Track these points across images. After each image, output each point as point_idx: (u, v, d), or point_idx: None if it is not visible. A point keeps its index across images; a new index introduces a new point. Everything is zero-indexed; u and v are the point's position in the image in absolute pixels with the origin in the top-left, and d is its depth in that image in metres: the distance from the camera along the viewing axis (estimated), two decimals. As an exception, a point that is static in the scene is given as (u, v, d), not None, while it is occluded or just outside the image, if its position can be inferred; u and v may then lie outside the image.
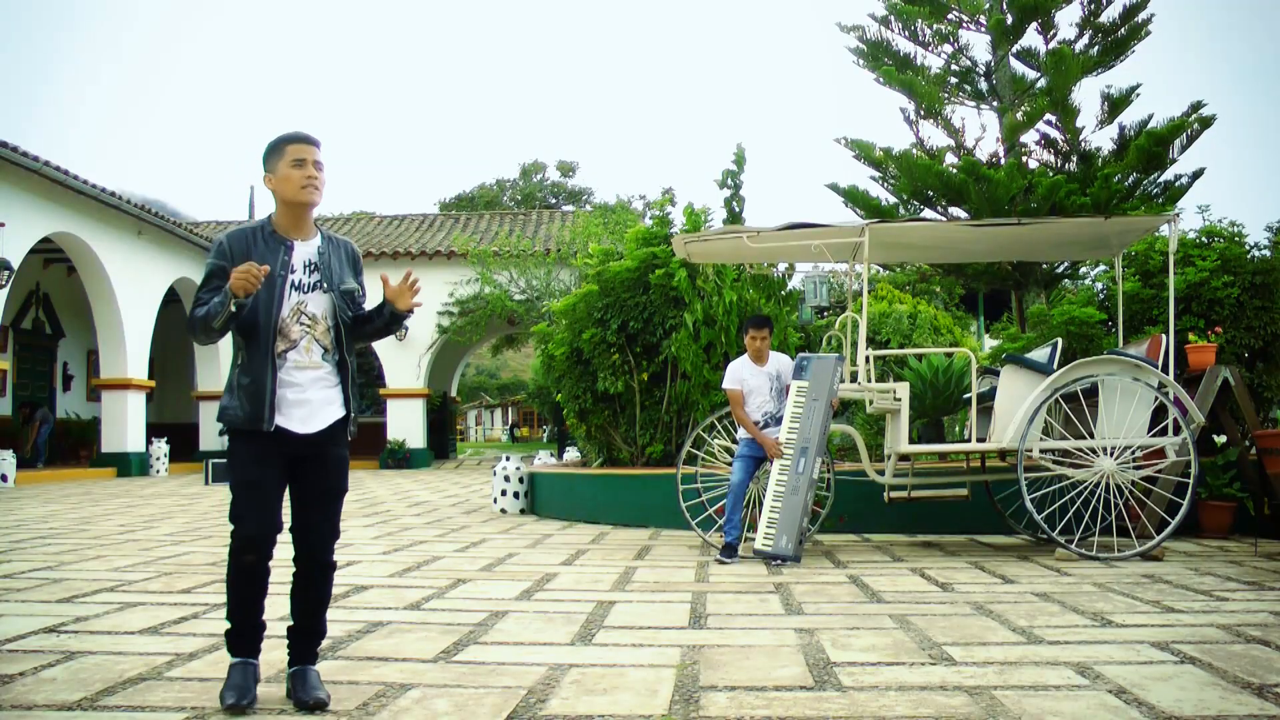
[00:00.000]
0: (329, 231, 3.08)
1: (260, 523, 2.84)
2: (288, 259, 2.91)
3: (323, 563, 2.97)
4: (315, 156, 2.95)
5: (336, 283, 2.97)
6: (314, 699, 2.79)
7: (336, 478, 2.96)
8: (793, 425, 6.05)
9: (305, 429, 2.87)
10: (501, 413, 59.79)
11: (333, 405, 2.93)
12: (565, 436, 20.30)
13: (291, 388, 2.88)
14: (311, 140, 2.98)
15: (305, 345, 2.91)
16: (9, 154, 13.38)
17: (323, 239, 3.02)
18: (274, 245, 2.92)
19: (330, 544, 2.98)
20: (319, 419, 2.90)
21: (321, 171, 2.96)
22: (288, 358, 2.89)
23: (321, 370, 2.93)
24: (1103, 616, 4.02)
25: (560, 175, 48.72)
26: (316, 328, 2.93)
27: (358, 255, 3.12)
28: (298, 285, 2.92)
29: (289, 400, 2.87)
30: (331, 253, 3.01)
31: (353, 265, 3.07)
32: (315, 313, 2.93)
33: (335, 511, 2.98)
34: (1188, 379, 6.96)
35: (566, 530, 7.86)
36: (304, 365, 2.90)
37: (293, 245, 2.94)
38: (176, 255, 19.11)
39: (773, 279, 8.97)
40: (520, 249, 20.37)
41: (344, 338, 2.98)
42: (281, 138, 2.97)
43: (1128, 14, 10.04)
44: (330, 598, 3.04)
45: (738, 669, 3.19)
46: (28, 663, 3.31)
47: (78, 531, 7.73)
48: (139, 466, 17.83)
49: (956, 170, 9.68)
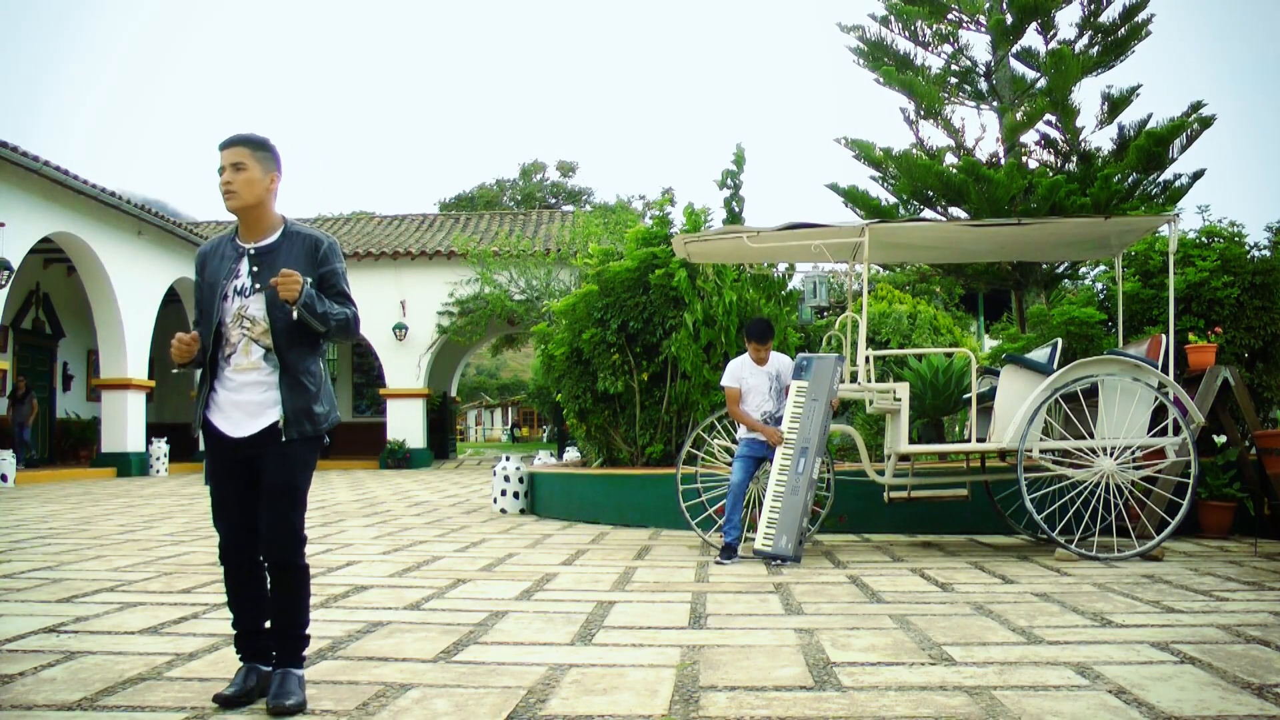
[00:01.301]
0: (299, 228, 3.02)
1: (227, 531, 2.96)
2: (234, 266, 2.96)
3: (278, 563, 2.91)
4: (231, 160, 2.90)
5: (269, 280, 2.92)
6: (275, 704, 2.73)
7: (279, 474, 2.89)
8: (792, 425, 6.05)
9: (242, 431, 2.91)
10: (501, 413, 59.78)
11: (271, 408, 2.92)
12: (565, 436, 20.30)
13: (231, 390, 2.94)
14: (230, 142, 2.93)
15: (244, 347, 2.93)
16: (9, 154, 13.37)
17: (280, 236, 2.98)
18: (230, 254, 2.98)
19: (288, 544, 2.90)
20: (256, 422, 2.91)
21: (243, 172, 2.89)
22: (230, 360, 2.94)
23: (260, 371, 2.93)
24: (1103, 616, 4.02)
25: (560, 175, 48.72)
26: (255, 328, 2.93)
27: (321, 247, 2.98)
28: (240, 290, 2.94)
29: (230, 403, 2.93)
30: (283, 249, 2.95)
31: (309, 258, 2.95)
32: (255, 314, 2.93)
33: (286, 510, 2.90)
34: (1188, 379, 6.96)
35: (566, 530, 7.86)
36: (243, 367, 2.94)
37: (244, 251, 2.97)
38: (176, 255, 19.10)
39: (773, 279, 8.97)
40: (520, 249, 20.36)
41: (277, 336, 2.92)
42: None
43: (1128, 14, 10.05)
44: (302, 600, 2.95)
45: (738, 669, 3.19)
46: (28, 663, 3.31)
47: (78, 531, 7.73)
48: (139, 466, 17.83)
49: (956, 170, 9.68)
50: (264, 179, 2.93)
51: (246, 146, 2.92)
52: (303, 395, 2.94)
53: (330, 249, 3.01)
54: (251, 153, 2.92)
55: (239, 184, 2.90)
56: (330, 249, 3.01)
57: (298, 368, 2.94)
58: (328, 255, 2.99)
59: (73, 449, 19.48)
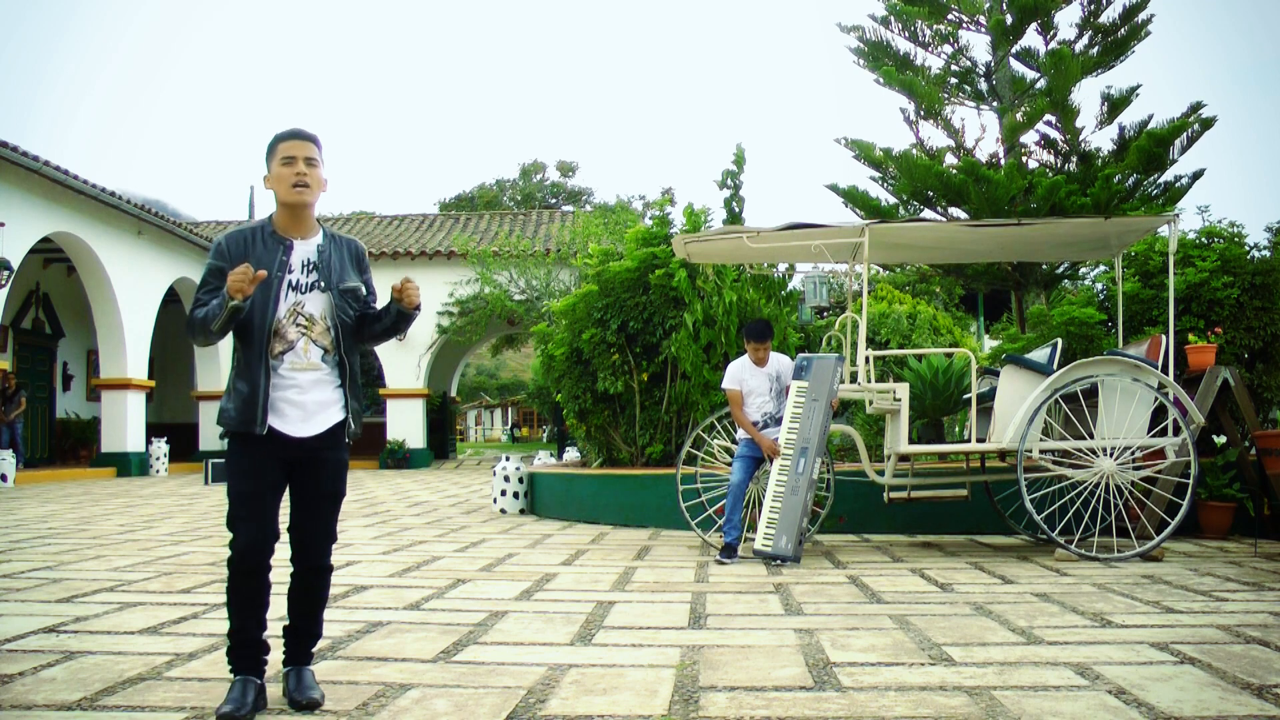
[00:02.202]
0: (333, 230, 3.03)
1: (254, 533, 2.79)
2: (285, 259, 2.86)
3: (318, 566, 2.94)
4: (306, 154, 2.86)
5: (335, 282, 2.90)
6: (307, 699, 2.78)
7: (333, 483, 2.91)
8: (792, 426, 6.05)
9: (301, 432, 2.82)
10: (501, 413, 59.75)
11: (331, 408, 2.88)
12: (565, 436, 20.30)
13: (288, 389, 2.82)
14: (303, 136, 2.89)
15: (303, 346, 2.85)
16: (9, 154, 13.37)
17: (324, 237, 2.96)
18: (273, 245, 2.87)
19: (326, 548, 2.95)
20: (316, 422, 2.85)
21: (316, 169, 2.88)
22: (284, 359, 2.84)
23: (320, 371, 2.87)
24: (1102, 617, 4.02)
25: (560, 175, 48.72)
26: (314, 328, 2.87)
27: (362, 253, 3.05)
28: (295, 285, 2.86)
29: (285, 402, 2.82)
30: (333, 251, 2.95)
31: (356, 263, 2.99)
32: (313, 313, 2.87)
33: (331, 516, 2.94)
34: (1188, 379, 6.96)
35: (566, 530, 7.86)
36: (301, 367, 2.84)
37: (292, 245, 2.89)
38: (176, 255, 19.11)
39: (773, 279, 8.97)
40: (520, 249, 20.37)
41: (343, 338, 2.91)
42: (275, 135, 2.92)
43: (1128, 14, 10.05)
44: (327, 600, 3.03)
45: (737, 669, 3.19)
46: (28, 663, 3.31)
47: (77, 531, 7.73)
48: (139, 466, 17.83)
49: (956, 171, 9.68)
50: (324, 178, 2.96)
51: (316, 144, 2.91)
52: (358, 396, 2.96)
53: (367, 256, 3.10)
54: (319, 151, 2.93)
55: (313, 179, 2.88)
56: (367, 256, 3.10)
57: (355, 369, 2.95)
58: (368, 263, 3.08)
59: (73, 449, 19.49)
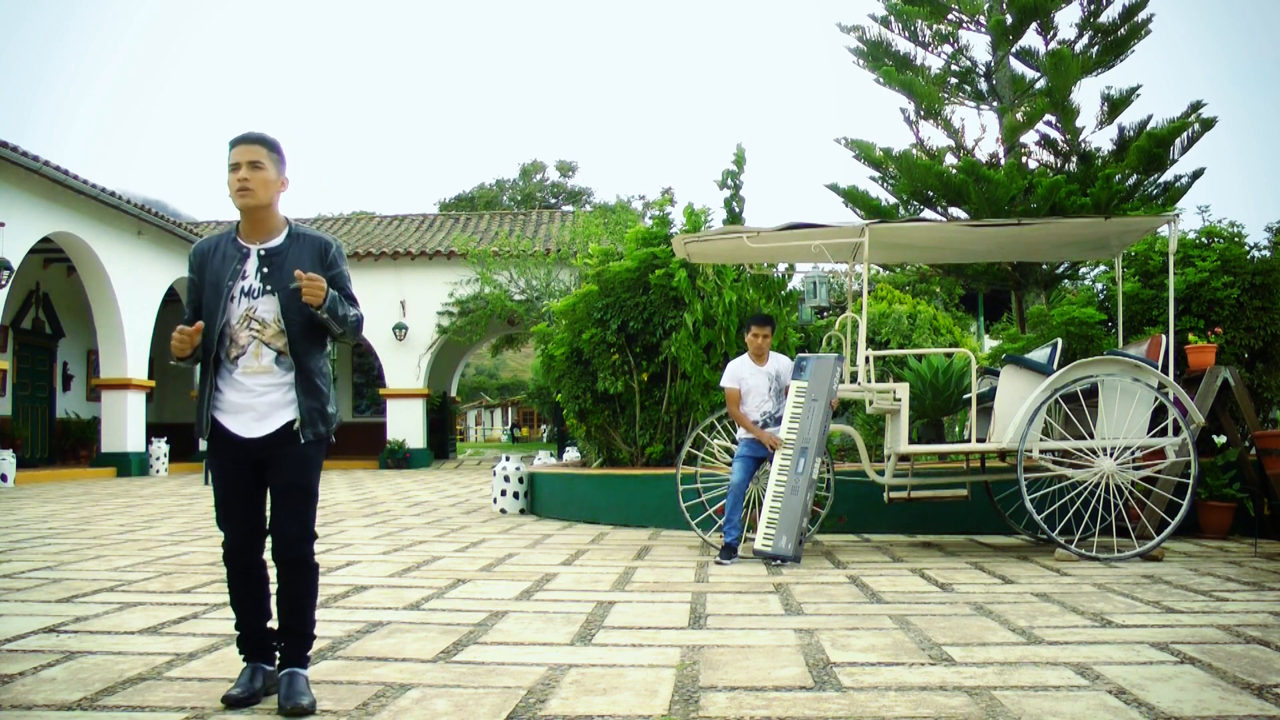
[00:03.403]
0: (303, 229, 3.02)
1: (236, 533, 2.93)
2: (239, 267, 2.92)
3: (292, 560, 2.93)
4: (249, 158, 2.88)
5: (287, 283, 2.91)
6: (291, 705, 2.75)
7: (294, 474, 2.92)
8: (792, 425, 6.04)
9: (253, 433, 2.90)
10: (501, 413, 59.73)
11: (284, 409, 2.92)
12: (565, 436, 20.29)
13: (239, 392, 2.91)
14: (248, 140, 2.91)
15: (254, 350, 2.91)
16: (9, 154, 13.37)
17: (287, 237, 2.97)
18: (232, 253, 2.93)
19: (301, 543, 2.93)
20: (268, 422, 2.90)
21: (260, 171, 2.88)
22: (238, 363, 2.91)
23: (272, 375, 2.92)
24: (1103, 617, 4.02)
25: (560, 175, 48.73)
26: (265, 331, 2.91)
27: (328, 248, 3.01)
28: (247, 291, 2.91)
29: (237, 404, 2.90)
30: (291, 251, 2.95)
31: (318, 260, 2.97)
32: (265, 317, 2.91)
33: (301, 510, 2.93)
34: (1188, 379, 6.96)
35: (566, 530, 7.86)
36: (253, 370, 2.91)
37: (249, 252, 2.94)
38: (176, 255, 19.09)
39: (773, 279, 8.97)
40: (520, 249, 20.36)
41: (294, 339, 2.92)
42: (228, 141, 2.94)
43: (1128, 14, 10.04)
44: (314, 598, 3.00)
45: (737, 669, 3.19)
46: (28, 663, 3.31)
47: (77, 531, 7.73)
48: (139, 466, 17.82)
49: (956, 171, 9.68)
50: (277, 180, 2.95)
51: (264, 146, 2.92)
52: (317, 396, 2.96)
53: (338, 252, 3.05)
54: (268, 152, 2.92)
55: (256, 182, 2.88)
56: (338, 252, 3.05)
57: (312, 369, 2.96)
58: (335, 258, 3.03)
59: (73, 449, 19.46)
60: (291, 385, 2.93)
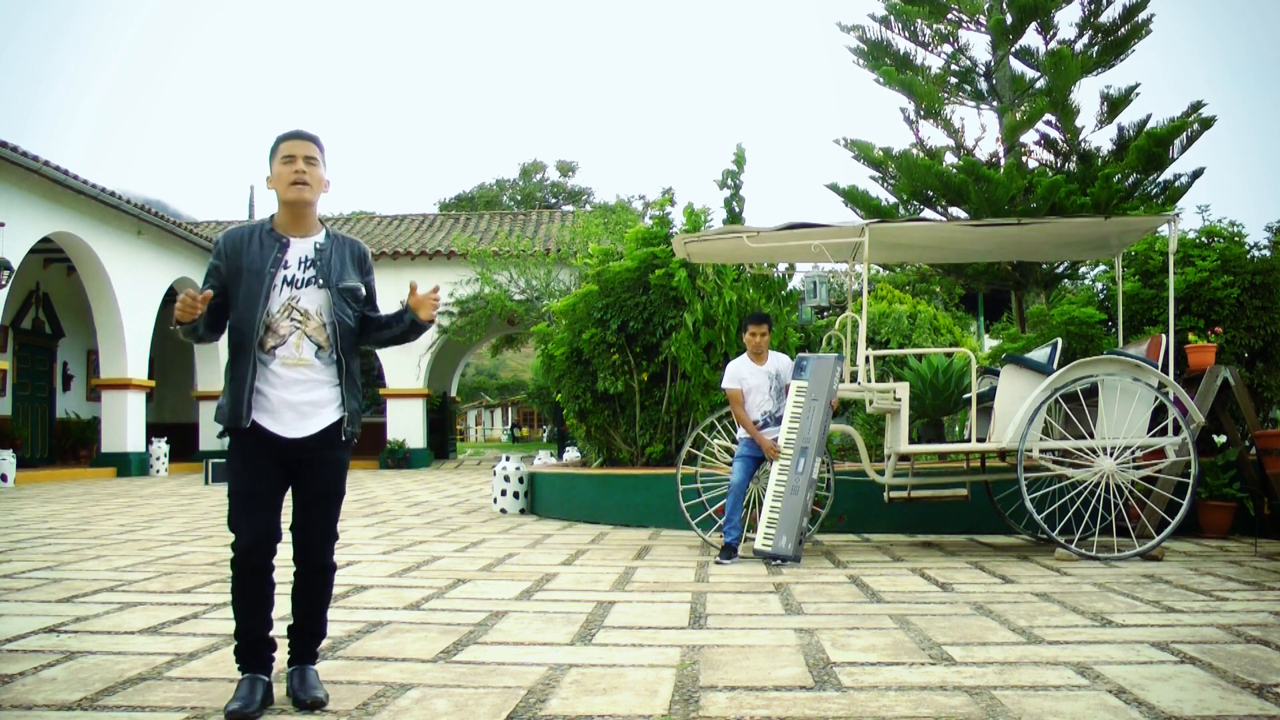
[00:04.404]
0: (335, 230, 3.04)
1: (255, 533, 2.79)
2: (280, 255, 2.87)
3: (320, 565, 2.95)
4: (306, 152, 2.89)
5: (335, 280, 2.91)
6: (312, 698, 2.78)
7: (332, 482, 2.90)
8: (792, 425, 6.04)
9: (297, 433, 2.82)
10: (501, 413, 59.74)
11: (327, 407, 2.87)
12: (565, 436, 20.29)
13: (279, 386, 2.82)
14: (303, 136, 2.92)
15: (295, 341, 2.84)
16: (9, 154, 13.37)
17: (326, 237, 2.98)
18: (269, 242, 2.89)
19: (327, 547, 2.95)
20: (311, 423, 2.84)
21: (315, 167, 2.90)
22: (276, 354, 2.83)
23: (313, 369, 2.86)
24: (1103, 616, 4.02)
25: (560, 175, 48.73)
26: (308, 324, 2.86)
27: (365, 254, 3.05)
28: (290, 281, 2.87)
29: (276, 400, 2.81)
30: (333, 250, 2.95)
31: (358, 264, 3.00)
32: (308, 308, 2.87)
33: (333, 516, 2.94)
34: (1188, 379, 6.96)
35: (566, 530, 7.86)
36: (292, 362, 2.83)
37: (289, 242, 2.90)
38: (176, 255, 19.10)
39: (773, 279, 8.97)
40: (520, 249, 20.36)
41: (341, 336, 2.90)
42: (278, 136, 2.95)
43: (1128, 14, 10.05)
44: (330, 599, 3.04)
45: (738, 669, 3.19)
46: (28, 663, 3.31)
47: (78, 531, 7.73)
48: (139, 466, 17.82)
49: (956, 170, 9.68)
50: (324, 178, 2.97)
51: (317, 144, 2.94)
52: (356, 396, 2.95)
53: (371, 258, 3.10)
54: (320, 151, 2.95)
55: (313, 177, 2.90)
56: (371, 258, 3.10)
57: (353, 368, 2.95)
58: (371, 265, 3.08)
59: (73, 449, 19.47)
60: (330, 384, 2.88)
